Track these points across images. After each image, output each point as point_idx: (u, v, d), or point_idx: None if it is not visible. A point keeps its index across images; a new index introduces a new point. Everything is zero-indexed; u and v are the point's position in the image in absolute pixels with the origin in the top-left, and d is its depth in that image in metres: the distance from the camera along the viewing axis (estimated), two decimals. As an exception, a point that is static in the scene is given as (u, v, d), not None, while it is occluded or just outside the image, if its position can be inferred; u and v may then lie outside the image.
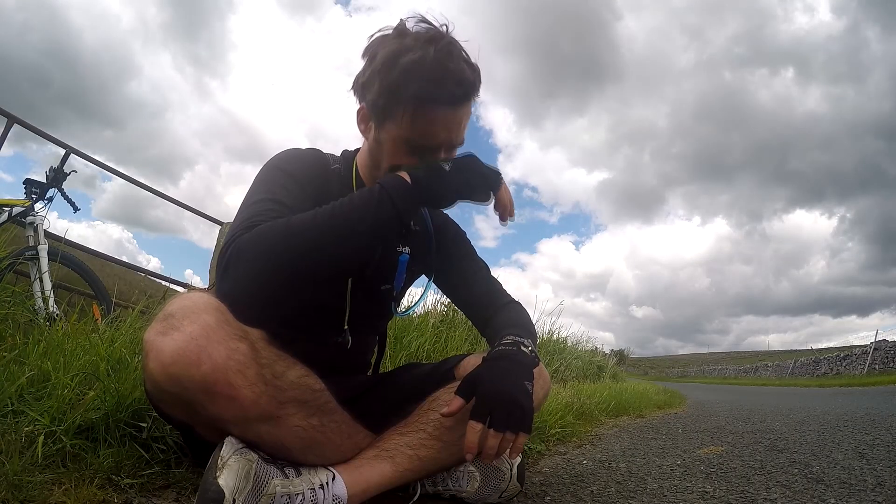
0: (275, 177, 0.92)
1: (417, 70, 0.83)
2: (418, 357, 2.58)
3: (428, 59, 0.83)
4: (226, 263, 0.77)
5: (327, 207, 0.81)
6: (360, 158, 1.03)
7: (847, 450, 1.81)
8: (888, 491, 1.19)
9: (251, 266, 0.76)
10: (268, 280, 0.76)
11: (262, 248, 0.76)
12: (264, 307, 0.79)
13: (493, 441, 0.81)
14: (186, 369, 0.66)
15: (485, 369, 0.90)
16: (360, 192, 0.85)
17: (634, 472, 1.47)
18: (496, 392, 0.85)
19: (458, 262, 1.18)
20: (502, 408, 0.83)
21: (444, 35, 0.87)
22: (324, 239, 0.78)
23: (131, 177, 4.26)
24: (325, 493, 0.78)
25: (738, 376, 36.59)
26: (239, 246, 0.77)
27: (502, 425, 0.82)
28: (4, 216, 2.64)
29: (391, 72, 0.84)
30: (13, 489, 0.74)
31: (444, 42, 0.86)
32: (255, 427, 0.75)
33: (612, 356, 9.41)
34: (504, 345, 0.94)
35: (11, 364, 1.09)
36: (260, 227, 0.78)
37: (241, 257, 0.76)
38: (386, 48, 0.86)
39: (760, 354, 74.66)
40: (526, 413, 0.84)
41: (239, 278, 0.77)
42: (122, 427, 0.97)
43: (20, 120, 3.37)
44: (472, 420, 0.82)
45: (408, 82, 0.84)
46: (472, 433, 0.81)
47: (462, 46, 0.88)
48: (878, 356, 18.00)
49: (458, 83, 0.86)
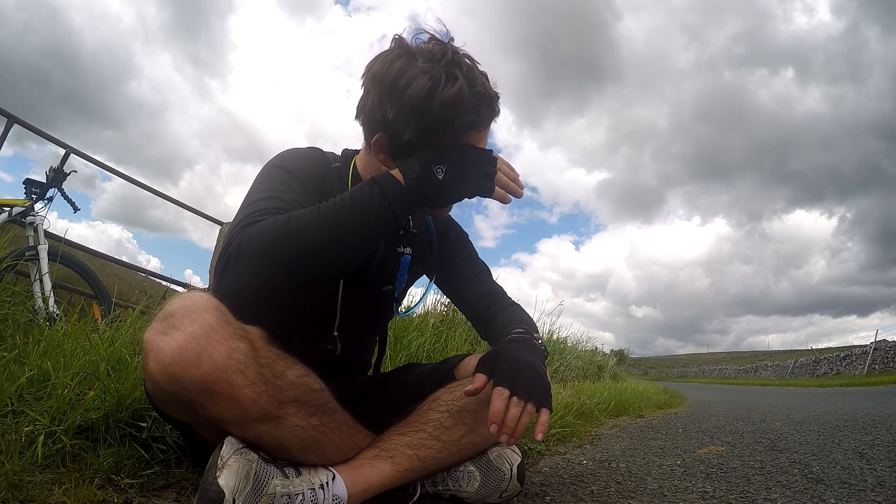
0: (275, 175, 0.92)
1: (458, 104, 0.82)
2: (418, 357, 2.58)
3: (464, 90, 0.82)
4: (226, 260, 0.76)
5: (327, 204, 0.80)
6: (361, 159, 1.03)
7: (847, 450, 1.81)
8: (888, 491, 1.19)
9: (252, 262, 0.75)
10: (268, 276, 0.76)
11: (263, 243, 0.75)
12: (264, 304, 0.78)
13: (516, 410, 0.80)
14: (186, 369, 0.66)
15: (502, 347, 0.91)
16: (357, 189, 0.83)
17: (634, 472, 1.47)
18: (519, 361, 0.86)
19: (460, 263, 1.18)
20: (526, 377, 0.83)
21: (457, 52, 0.85)
22: (324, 235, 0.78)
23: (131, 177, 4.26)
24: (325, 493, 0.78)
25: (738, 376, 36.59)
26: (240, 242, 0.76)
27: (526, 394, 0.81)
28: (4, 216, 2.65)
29: (428, 110, 0.82)
30: (13, 489, 0.74)
31: (465, 63, 0.85)
32: (255, 427, 0.75)
33: (612, 356, 9.41)
34: (516, 334, 0.96)
35: (11, 364, 1.09)
36: (261, 224, 0.77)
37: (242, 254, 0.75)
38: (414, 83, 0.82)
39: (760, 354, 74.64)
40: (547, 388, 0.85)
41: (240, 275, 0.76)
42: (122, 427, 0.97)
43: (20, 120, 3.37)
44: (499, 386, 0.81)
45: (449, 118, 0.83)
46: (499, 399, 0.80)
47: (471, 56, 0.87)
48: (878, 356, 18.00)
49: (489, 102, 0.87)
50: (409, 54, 0.85)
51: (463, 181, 0.85)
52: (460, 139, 0.86)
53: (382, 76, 0.85)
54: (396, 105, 0.83)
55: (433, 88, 0.81)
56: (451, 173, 0.83)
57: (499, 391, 0.81)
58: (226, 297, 0.74)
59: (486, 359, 0.88)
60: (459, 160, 0.84)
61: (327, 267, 0.80)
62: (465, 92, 0.82)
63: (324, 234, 0.78)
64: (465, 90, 0.83)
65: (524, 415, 0.81)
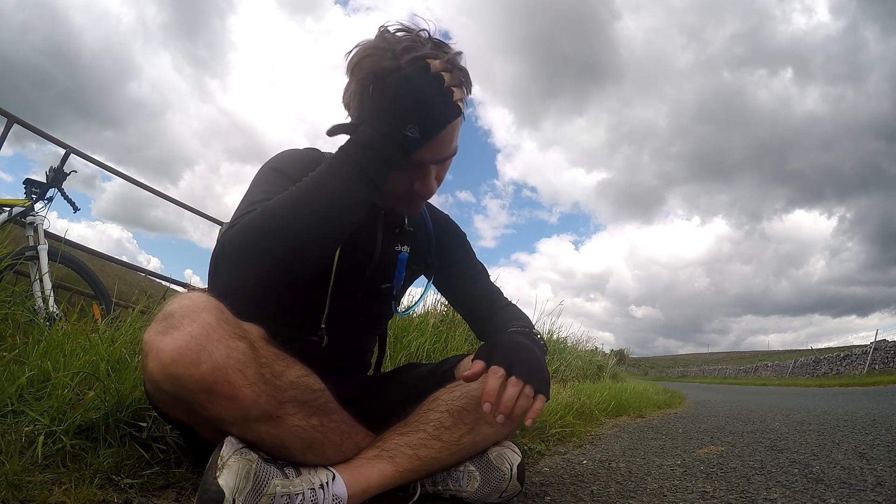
0: (268, 177, 0.93)
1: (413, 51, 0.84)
2: (418, 357, 2.58)
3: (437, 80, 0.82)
4: (214, 264, 0.78)
5: (298, 184, 0.80)
6: None
7: (847, 450, 1.81)
8: (888, 491, 1.19)
9: (237, 261, 0.76)
10: (255, 270, 0.77)
11: (243, 239, 0.76)
12: (259, 299, 0.79)
13: (514, 390, 0.78)
14: (186, 369, 0.66)
15: (501, 337, 0.91)
16: (326, 163, 0.81)
17: (634, 472, 1.47)
18: (517, 345, 0.86)
19: (457, 263, 1.18)
20: (523, 360, 0.83)
21: (427, 44, 0.86)
22: (300, 212, 0.77)
23: (131, 177, 4.26)
24: (324, 493, 0.78)
25: (738, 376, 36.61)
26: (223, 244, 0.77)
27: (523, 375, 0.80)
28: (4, 216, 2.65)
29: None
30: (13, 489, 0.74)
31: (439, 54, 0.85)
32: (255, 427, 0.75)
33: (612, 356, 9.42)
34: (515, 328, 0.97)
35: (11, 364, 1.09)
36: (241, 223, 0.78)
37: (227, 255, 0.77)
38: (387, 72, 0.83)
39: (760, 354, 74.68)
40: (545, 376, 0.84)
41: (229, 276, 0.77)
42: (122, 427, 0.97)
43: (20, 120, 3.37)
44: (494, 365, 0.80)
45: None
46: (494, 378, 0.79)
47: (448, 48, 0.88)
48: (878, 356, 18.01)
49: (461, 96, 0.87)
50: (389, 50, 0.85)
51: (417, 106, 0.79)
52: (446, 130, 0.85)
53: (359, 66, 0.86)
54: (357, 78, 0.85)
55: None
56: (394, 100, 0.79)
57: (494, 370, 0.80)
58: (221, 298, 0.75)
59: (485, 347, 0.89)
60: (402, 86, 0.79)
61: (310, 244, 0.79)
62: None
63: (300, 212, 0.77)
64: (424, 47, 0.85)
65: (522, 396, 0.79)
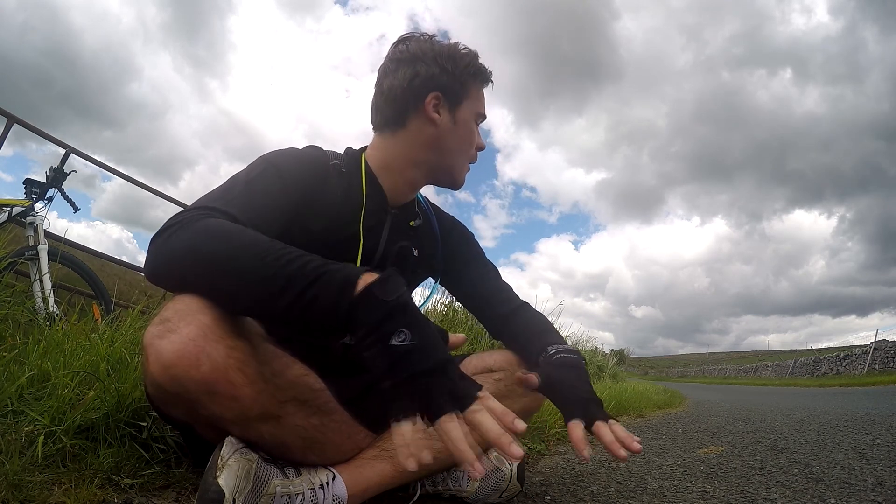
0: (262, 177, 0.87)
1: (472, 56, 1.04)
2: (418, 357, 2.57)
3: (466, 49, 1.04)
4: (154, 239, 0.71)
5: (267, 241, 0.68)
6: (372, 153, 1.03)
7: (847, 450, 1.81)
8: (888, 491, 1.19)
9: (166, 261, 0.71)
10: (170, 280, 0.72)
11: (185, 249, 0.69)
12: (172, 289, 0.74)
13: (607, 432, 0.81)
14: (187, 370, 0.66)
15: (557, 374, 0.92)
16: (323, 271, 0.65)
17: (634, 472, 1.47)
18: (581, 381, 0.90)
19: (467, 263, 1.18)
20: (596, 402, 0.87)
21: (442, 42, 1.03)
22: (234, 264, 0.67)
23: (131, 177, 4.26)
24: (325, 493, 0.78)
25: (738, 376, 36.60)
26: (183, 222, 0.70)
27: (601, 416, 0.83)
28: (4, 216, 2.65)
29: (458, 59, 1.01)
30: (13, 489, 0.74)
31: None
32: (256, 426, 0.75)
33: (612, 356, 9.42)
34: (560, 353, 0.96)
35: (11, 364, 1.09)
36: (201, 225, 0.70)
37: (161, 249, 0.70)
38: (434, 47, 1.01)
39: (760, 354, 74.67)
40: (601, 402, 0.89)
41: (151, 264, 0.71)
42: (122, 427, 0.97)
43: (20, 120, 3.37)
44: (573, 421, 0.83)
45: (472, 65, 1.03)
46: (576, 429, 0.81)
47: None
48: (878, 356, 18.00)
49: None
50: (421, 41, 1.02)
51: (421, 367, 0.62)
52: (483, 88, 1.08)
53: (406, 53, 1.00)
54: (431, 64, 0.99)
55: (451, 47, 1.02)
56: (415, 350, 0.62)
57: (573, 425, 0.82)
58: (147, 261, 0.71)
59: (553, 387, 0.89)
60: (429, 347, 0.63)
61: (229, 301, 0.70)
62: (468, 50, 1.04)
63: (234, 263, 0.67)
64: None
65: (615, 426, 0.82)
